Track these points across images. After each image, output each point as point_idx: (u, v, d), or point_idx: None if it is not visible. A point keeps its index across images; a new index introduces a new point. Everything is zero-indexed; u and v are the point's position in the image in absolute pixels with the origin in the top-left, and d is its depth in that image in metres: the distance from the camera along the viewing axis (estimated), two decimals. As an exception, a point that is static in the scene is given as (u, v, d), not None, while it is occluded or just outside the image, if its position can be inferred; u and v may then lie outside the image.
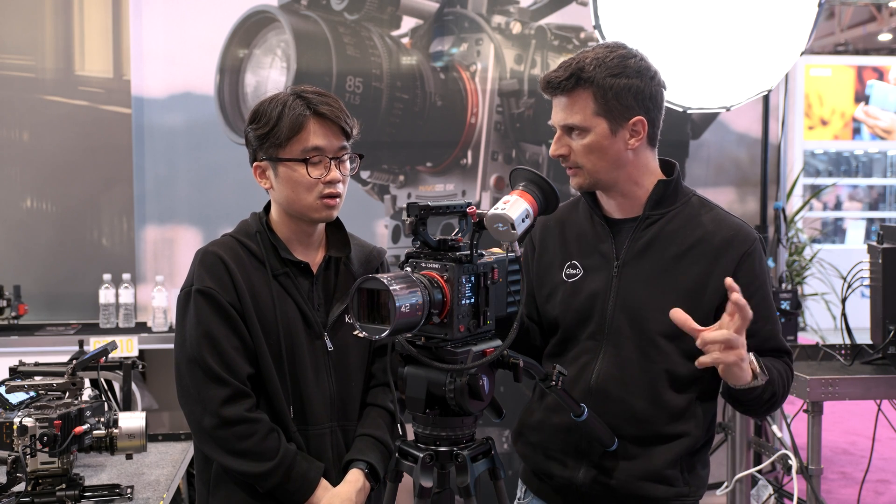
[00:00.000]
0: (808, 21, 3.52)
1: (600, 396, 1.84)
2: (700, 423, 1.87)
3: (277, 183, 1.89)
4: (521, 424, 2.01)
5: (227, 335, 1.84)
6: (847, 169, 9.67)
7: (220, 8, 3.84)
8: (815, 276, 6.08)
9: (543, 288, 1.96)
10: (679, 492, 1.86)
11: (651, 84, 1.82)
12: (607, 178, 1.84)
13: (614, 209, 1.91)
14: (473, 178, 3.94)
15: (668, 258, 1.84)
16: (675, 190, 1.89)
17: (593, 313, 1.87)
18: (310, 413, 1.90)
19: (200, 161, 3.88)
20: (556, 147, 1.85)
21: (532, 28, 3.95)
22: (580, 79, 1.79)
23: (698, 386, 1.86)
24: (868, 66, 9.61)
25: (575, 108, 1.80)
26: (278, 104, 1.86)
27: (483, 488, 1.65)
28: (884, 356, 3.03)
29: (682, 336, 1.79)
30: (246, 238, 1.92)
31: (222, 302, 1.84)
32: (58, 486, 1.97)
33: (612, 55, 1.80)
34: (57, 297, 4.05)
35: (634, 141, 1.82)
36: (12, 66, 4.05)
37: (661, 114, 1.87)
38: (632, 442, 1.84)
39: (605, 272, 1.88)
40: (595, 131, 1.80)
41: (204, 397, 1.83)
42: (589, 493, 1.87)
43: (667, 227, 1.86)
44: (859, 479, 4.20)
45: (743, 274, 1.81)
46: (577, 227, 1.96)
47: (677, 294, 1.82)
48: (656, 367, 1.83)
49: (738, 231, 1.85)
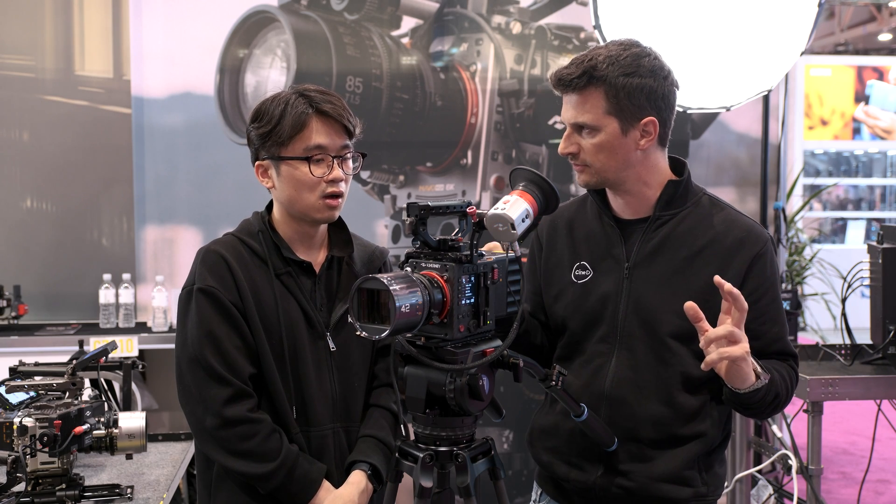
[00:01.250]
0: (808, 21, 3.52)
1: (616, 400, 1.84)
2: (716, 422, 1.87)
3: (279, 182, 1.88)
4: (535, 428, 1.99)
5: (228, 334, 1.83)
6: (847, 169, 9.67)
7: (220, 8, 3.84)
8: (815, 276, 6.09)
9: (551, 288, 1.95)
10: (697, 492, 1.85)
11: (664, 84, 1.80)
12: (615, 177, 1.82)
13: (623, 209, 1.89)
14: (473, 178, 3.94)
15: (680, 259, 1.83)
16: (685, 190, 1.87)
17: (604, 316, 1.86)
18: (312, 414, 1.90)
19: (200, 161, 3.88)
20: (565, 145, 1.83)
21: (532, 28, 3.95)
22: (592, 77, 1.76)
23: (712, 386, 1.85)
24: (868, 66, 9.61)
25: (586, 107, 1.78)
26: (280, 102, 1.85)
27: (483, 488, 1.65)
28: (884, 356, 3.03)
29: (694, 338, 1.78)
30: (248, 237, 1.92)
31: (224, 301, 1.83)
32: (58, 486, 1.97)
33: (625, 53, 1.77)
34: (57, 297, 4.05)
35: (645, 141, 1.80)
36: (12, 66, 4.05)
37: (673, 114, 1.85)
38: (648, 444, 1.83)
39: (615, 274, 1.86)
40: (606, 130, 1.78)
41: (205, 397, 1.82)
42: (606, 497, 1.86)
43: (678, 228, 1.84)
44: (859, 479, 4.20)
45: (754, 275, 1.80)
46: (585, 227, 1.94)
47: (689, 296, 1.79)
48: (670, 369, 1.82)
49: (750, 231, 1.84)
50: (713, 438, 1.87)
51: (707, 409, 1.85)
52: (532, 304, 1.99)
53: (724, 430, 1.90)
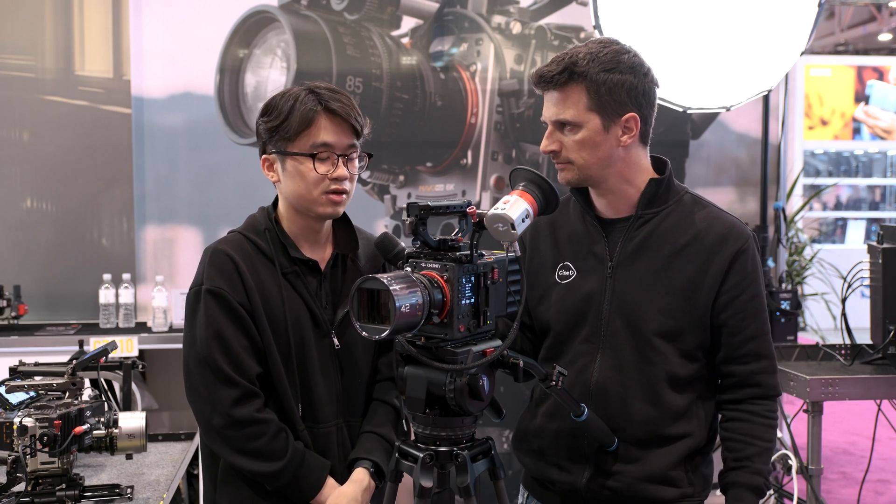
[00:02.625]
0: (808, 21, 3.52)
1: (601, 400, 1.83)
2: (702, 422, 1.87)
3: (284, 176, 1.89)
4: (521, 430, 1.99)
5: (236, 335, 1.84)
6: (847, 169, 9.66)
7: (220, 8, 3.84)
8: (815, 276, 6.09)
9: (535, 290, 1.94)
10: (684, 492, 1.85)
11: (644, 81, 1.80)
12: (598, 174, 1.82)
13: (606, 208, 1.89)
14: (473, 178, 3.94)
15: (663, 257, 1.83)
16: (667, 188, 1.87)
17: (588, 315, 1.86)
18: (317, 411, 1.91)
19: (200, 161, 3.88)
20: (547, 143, 1.83)
21: (532, 28, 3.95)
22: (573, 73, 1.77)
23: (698, 386, 1.86)
24: (868, 66, 9.61)
25: (567, 103, 1.79)
26: (290, 98, 1.86)
27: (483, 488, 1.65)
28: (884, 356, 3.03)
29: (679, 336, 1.79)
30: (255, 235, 1.92)
31: (232, 302, 1.84)
32: (58, 486, 1.97)
33: (605, 50, 1.78)
34: (57, 297, 4.05)
35: (627, 138, 1.80)
36: (12, 66, 4.05)
37: (654, 111, 1.86)
38: (634, 444, 1.83)
39: (599, 273, 1.87)
40: (587, 126, 1.78)
41: (213, 398, 1.83)
42: (592, 498, 1.86)
43: (660, 227, 1.85)
44: (859, 479, 4.20)
45: (735, 271, 1.81)
46: (568, 228, 1.94)
47: (673, 294, 1.81)
48: (655, 368, 1.82)
49: (732, 228, 1.84)
50: (700, 439, 1.86)
51: (693, 409, 1.85)
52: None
53: (710, 430, 1.90)
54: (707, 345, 1.84)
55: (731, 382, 1.85)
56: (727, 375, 1.86)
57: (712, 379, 1.88)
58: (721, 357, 1.85)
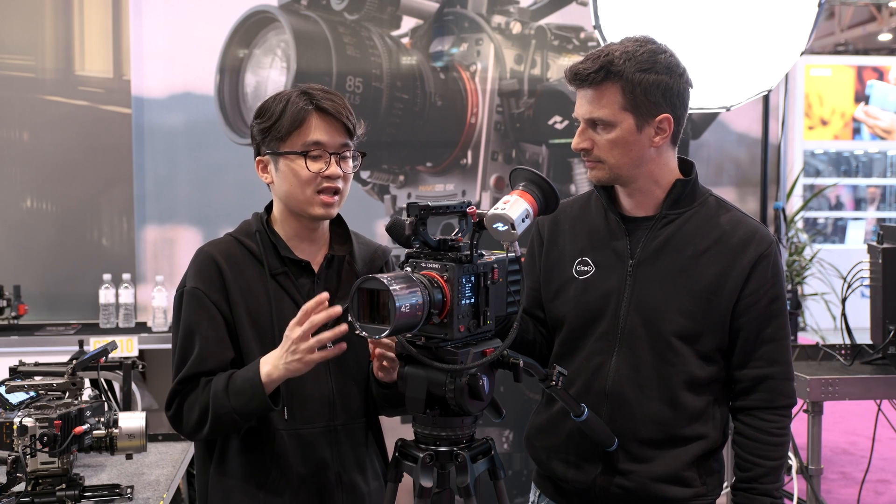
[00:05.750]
0: (808, 21, 3.52)
1: (617, 399, 1.83)
2: (718, 424, 1.87)
3: (278, 177, 1.89)
4: (532, 428, 1.99)
5: (205, 332, 1.85)
6: (847, 169, 9.66)
7: (220, 8, 3.84)
8: (815, 276, 6.09)
9: (551, 284, 1.94)
10: (696, 492, 1.85)
11: (679, 82, 1.80)
12: (628, 174, 1.82)
13: (631, 207, 1.88)
14: (473, 178, 3.94)
15: (685, 258, 1.82)
16: (692, 190, 1.87)
17: (606, 312, 1.85)
18: (307, 412, 1.89)
19: (200, 161, 3.88)
20: (578, 140, 1.82)
21: (532, 28, 3.95)
22: (609, 72, 1.75)
23: (716, 388, 1.85)
24: (868, 66, 9.61)
25: (602, 102, 1.77)
26: (282, 100, 1.87)
27: (483, 488, 1.65)
28: (884, 356, 3.03)
29: (698, 338, 1.78)
30: (245, 237, 1.93)
31: (205, 301, 1.86)
32: (58, 486, 1.97)
33: (642, 49, 1.77)
34: (57, 297, 4.05)
35: (659, 139, 1.80)
36: (12, 66, 4.05)
37: (687, 112, 1.85)
38: (649, 444, 1.83)
39: (618, 271, 1.86)
40: (621, 126, 1.77)
41: (171, 390, 1.89)
42: (605, 497, 1.86)
43: (684, 228, 1.84)
44: (859, 479, 4.20)
45: (756, 275, 1.80)
46: (589, 224, 1.92)
47: (693, 295, 1.80)
48: (672, 369, 1.81)
49: (756, 233, 1.83)
50: (714, 440, 1.86)
51: (710, 411, 1.85)
52: (529, 301, 1.97)
53: (724, 433, 1.90)
54: (725, 348, 1.84)
55: (743, 387, 1.85)
56: (739, 380, 1.85)
57: (729, 381, 1.88)
58: (735, 361, 1.84)
